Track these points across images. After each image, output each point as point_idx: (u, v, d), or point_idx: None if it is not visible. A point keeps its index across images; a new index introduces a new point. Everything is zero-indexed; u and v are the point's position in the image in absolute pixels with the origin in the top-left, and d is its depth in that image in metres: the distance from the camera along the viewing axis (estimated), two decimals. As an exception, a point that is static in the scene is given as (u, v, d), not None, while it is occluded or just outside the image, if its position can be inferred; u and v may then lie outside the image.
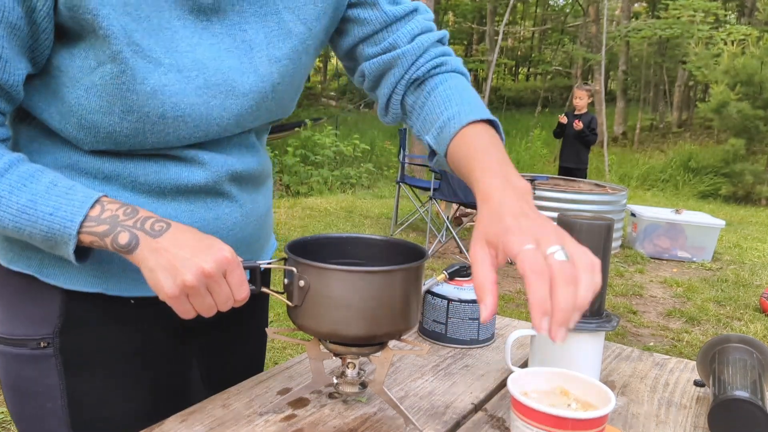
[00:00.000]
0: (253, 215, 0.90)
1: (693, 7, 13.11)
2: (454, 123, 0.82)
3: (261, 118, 0.85)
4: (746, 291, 5.06)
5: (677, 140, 15.20)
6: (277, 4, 0.81)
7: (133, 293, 0.84)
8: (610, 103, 16.74)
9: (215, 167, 0.82)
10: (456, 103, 0.84)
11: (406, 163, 6.25)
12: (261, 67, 0.81)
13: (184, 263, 0.69)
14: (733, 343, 0.92)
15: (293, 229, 6.25)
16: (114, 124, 0.75)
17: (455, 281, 1.09)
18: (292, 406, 0.83)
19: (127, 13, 0.70)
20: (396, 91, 0.92)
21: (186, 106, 0.75)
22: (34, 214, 0.70)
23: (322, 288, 0.73)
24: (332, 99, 23.78)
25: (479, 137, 0.79)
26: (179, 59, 0.74)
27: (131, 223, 0.71)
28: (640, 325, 4.20)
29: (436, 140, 0.84)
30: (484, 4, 18.92)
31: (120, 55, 0.71)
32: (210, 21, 0.77)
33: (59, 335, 0.82)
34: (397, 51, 0.90)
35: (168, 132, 0.77)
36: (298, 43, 0.84)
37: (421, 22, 0.92)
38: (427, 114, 0.88)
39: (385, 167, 10.91)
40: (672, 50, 17.20)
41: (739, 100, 10.51)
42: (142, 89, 0.73)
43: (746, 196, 10.66)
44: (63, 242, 0.71)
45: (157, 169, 0.80)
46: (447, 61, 0.92)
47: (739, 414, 0.79)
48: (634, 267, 5.67)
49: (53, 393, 0.83)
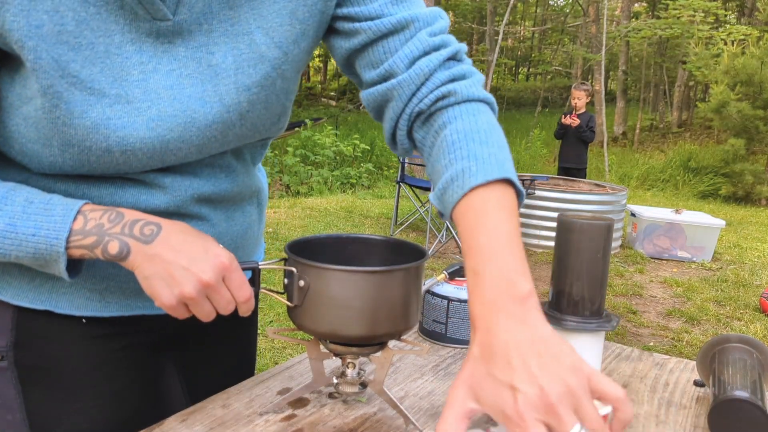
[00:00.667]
0: (228, 234, 0.84)
1: (693, 7, 13.10)
2: (456, 186, 0.67)
3: (230, 144, 0.77)
4: (746, 291, 5.06)
5: (677, 140, 15.20)
6: (249, 23, 0.72)
7: (84, 312, 0.80)
8: (610, 103, 16.75)
9: (178, 191, 0.76)
10: (461, 157, 0.68)
11: (406, 163, 6.25)
12: (227, 96, 0.72)
13: (182, 274, 0.66)
14: (733, 343, 0.92)
15: (293, 229, 6.25)
16: (55, 156, 0.70)
17: (455, 281, 1.09)
18: (292, 406, 0.83)
19: (63, 42, 0.64)
20: (399, 127, 0.79)
21: (135, 141, 0.69)
22: (17, 238, 0.67)
23: (322, 288, 0.72)
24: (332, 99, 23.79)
25: (481, 217, 0.64)
26: (128, 89, 0.68)
27: (118, 230, 0.67)
28: (640, 325, 4.20)
29: (439, 203, 0.70)
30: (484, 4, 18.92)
31: (51, 89, 0.65)
32: (172, 44, 0.69)
33: (13, 349, 0.79)
34: (393, 80, 0.76)
35: (118, 164, 0.71)
36: (270, 69, 0.74)
37: (423, 39, 0.75)
38: (435, 162, 0.73)
39: (385, 167, 10.91)
40: (672, 50, 17.22)
41: (739, 100, 10.51)
42: (81, 123, 0.67)
43: (746, 196, 10.66)
44: (53, 260, 0.68)
45: (113, 191, 0.74)
46: (456, 90, 0.74)
47: (739, 414, 0.79)
48: (634, 267, 5.67)
49: (11, 405, 0.80)
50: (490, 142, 0.70)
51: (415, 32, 0.76)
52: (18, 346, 0.80)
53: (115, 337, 0.84)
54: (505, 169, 0.67)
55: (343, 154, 10.28)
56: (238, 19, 0.72)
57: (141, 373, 0.88)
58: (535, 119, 18.37)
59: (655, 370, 1.03)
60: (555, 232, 0.89)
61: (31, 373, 0.80)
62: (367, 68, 0.78)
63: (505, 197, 0.66)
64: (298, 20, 0.75)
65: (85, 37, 0.65)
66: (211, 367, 0.97)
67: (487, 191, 0.65)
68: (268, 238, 5.72)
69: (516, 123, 16.87)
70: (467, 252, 0.63)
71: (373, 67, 0.78)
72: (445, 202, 0.69)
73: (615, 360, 1.07)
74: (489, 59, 15.84)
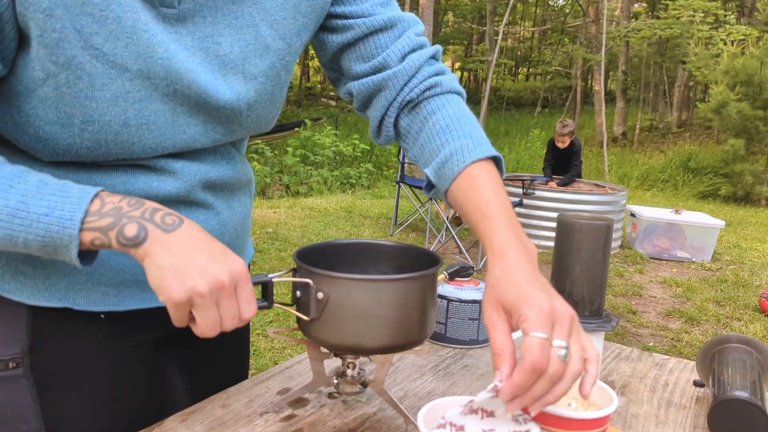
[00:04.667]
0: (231, 223, 0.86)
1: (693, 7, 13.10)
2: (456, 160, 0.78)
3: (234, 134, 0.81)
4: (746, 291, 5.06)
5: (677, 140, 15.21)
6: (254, 16, 0.75)
7: (102, 308, 0.79)
8: (610, 104, 16.75)
9: (187, 176, 0.78)
10: (458, 136, 0.80)
11: (405, 163, 6.25)
12: (236, 84, 0.75)
13: (198, 269, 0.63)
14: (732, 344, 0.92)
15: (293, 229, 6.25)
16: (74, 136, 0.69)
17: (455, 281, 1.09)
18: (292, 406, 0.83)
19: (87, 13, 0.64)
20: (388, 114, 0.87)
21: (150, 113, 0.70)
22: (28, 217, 0.62)
23: (344, 299, 0.69)
24: (332, 99, 23.78)
25: (485, 182, 0.76)
26: (151, 66, 0.68)
27: (138, 214, 0.64)
28: (640, 325, 4.20)
29: (436, 175, 0.80)
30: (484, 4, 18.92)
31: (75, 60, 0.65)
32: (179, 33, 0.71)
33: (29, 354, 0.77)
34: (387, 72, 0.84)
35: (133, 142, 0.71)
36: (276, 59, 0.78)
37: (411, 38, 0.86)
38: (426, 143, 0.83)
39: (385, 167, 10.91)
40: (672, 50, 17.22)
41: (738, 101, 10.51)
42: (102, 96, 0.67)
43: (746, 196, 10.66)
44: (63, 245, 0.63)
45: (125, 179, 0.74)
46: (441, 81, 0.86)
47: (739, 414, 0.79)
48: (633, 267, 5.68)
49: (27, 415, 0.77)
50: (477, 126, 0.83)
51: (403, 31, 0.86)
52: (34, 351, 0.77)
53: (130, 334, 0.83)
54: (493, 149, 0.80)
55: (343, 154, 10.29)
56: (241, 13, 0.74)
57: (151, 371, 0.88)
58: (535, 119, 18.37)
59: (654, 370, 1.04)
60: (555, 232, 0.89)
61: (48, 377, 0.78)
62: (358, 61, 0.86)
63: (496, 172, 0.79)
64: (301, 14, 0.80)
65: (112, 11, 0.65)
66: (211, 363, 0.97)
67: (483, 165, 0.78)
68: (268, 238, 5.72)
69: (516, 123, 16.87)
70: (475, 208, 0.74)
71: (364, 60, 0.86)
72: (445, 174, 0.79)
73: (615, 360, 1.07)
74: (489, 59, 15.84)
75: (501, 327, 0.63)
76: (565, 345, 0.61)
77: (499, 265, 0.67)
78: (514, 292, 0.64)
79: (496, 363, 0.62)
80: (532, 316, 0.61)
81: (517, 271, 0.66)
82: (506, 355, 0.61)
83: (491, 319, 0.64)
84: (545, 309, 0.61)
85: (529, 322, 0.61)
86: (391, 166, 10.76)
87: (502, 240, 0.69)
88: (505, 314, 0.64)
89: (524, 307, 0.62)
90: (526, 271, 0.66)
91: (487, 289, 0.66)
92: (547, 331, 0.60)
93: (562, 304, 0.63)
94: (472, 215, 0.74)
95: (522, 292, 0.63)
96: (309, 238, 5.92)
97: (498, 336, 0.63)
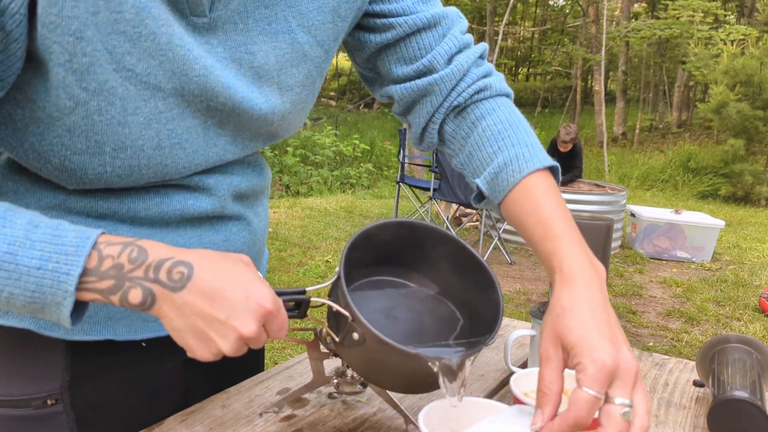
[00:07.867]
0: (259, 230, 0.83)
1: (692, 7, 13.11)
2: (511, 170, 0.72)
3: (265, 142, 0.77)
4: (746, 291, 5.06)
5: (677, 140, 15.21)
6: (289, 21, 0.69)
7: (144, 335, 0.75)
8: (610, 104, 16.75)
9: (221, 191, 0.74)
10: (512, 143, 0.74)
11: (406, 163, 6.26)
12: (272, 97, 0.71)
13: (220, 329, 0.57)
14: (732, 344, 0.92)
15: (293, 229, 6.25)
16: (104, 165, 0.63)
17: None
18: (292, 406, 0.83)
19: (120, 32, 0.57)
20: (433, 120, 0.81)
21: (182, 131, 0.66)
22: (16, 270, 0.54)
23: (378, 356, 0.65)
24: (332, 99, 23.79)
25: (546, 195, 0.70)
26: (187, 84, 0.63)
27: (141, 274, 0.56)
28: (640, 325, 4.20)
29: (488, 186, 0.75)
30: (484, 4, 18.91)
31: (107, 85, 0.59)
32: (210, 44, 0.65)
33: (69, 389, 0.73)
34: (434, 75, 0.78)
35: (166, 164, 0.67)
36: (313, 68, 0.73)
37: (457, 37, 0.79)
38: (475, 150, 0.77)
39: (385, 167, 10.91)
40: (672, 50, 17.24)
41: (738, 101, 10.51)
42: (134, 120, 0.62)
43: (745, 196, 10.67)
44: (56, 302, 0.55)
45: (158, 200, 0.70)
46: (491, 84, 0.80)
47: (739, 414, 0.79)
48: (633, 267, 5.68)
49: None
50: (530, 132, 0.77)
51: (447, 29, 0.80)
52: (74, 386, 0.73)
53: (167, 358, 0.80)
54: (549, 158, 0.74)
55: (343, 154, 10.29)
56: (275, 17, 0.68)
57: (183, 391, 0.85)
58: (535, 119, 18.38)
59: (654, 370, 1.04)
60: (555, 232, 0.89)
61: (89, 411, 0.75)
62: (399, 63, 0.80)
63: (555, 183, 0.74)
64: (341, 17, 0.74)
65: (146, 27, 0.58)
66: (235, 368, 0.94)
67: (541, 175, 0.72)
68: (268, 238, 5.72)
69: (516, 123, 16.84)
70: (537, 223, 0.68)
71: (406, 62, 0.80)
72: (499, 185, 0.73)
73: (614, 360, 1.07)
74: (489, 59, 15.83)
75: (555, 364, 0.59)
76: (629, 403, 0.56)
77: (567, 293, 0.62)
78: (578, 335, 0.58)
79: (539, 401, 0.58)
80: (591, 369, 0.56)
81: (586, 306, 0.60)
82: (552, 396, 0.58)
83: (547, 352, 0.60)
84: (607, 366, 0.56)
85: (586, 375, 0.56)
86: (391, 166, 10.77)
87: (573, 262, 0.63)
88: (562, 352, 0.59)
89: (586, 356, 0.56)
90: (595, 307, 0.60)
91: (551, 317, 0.61)
92: (601, 391, 0.56)
93: (626, 358, 0.57)
94: (533, 231, 0.69)
95: (587, 338, 0.57)
96: (309, 238, 5.92)
97: (549, 372, 0.59)
